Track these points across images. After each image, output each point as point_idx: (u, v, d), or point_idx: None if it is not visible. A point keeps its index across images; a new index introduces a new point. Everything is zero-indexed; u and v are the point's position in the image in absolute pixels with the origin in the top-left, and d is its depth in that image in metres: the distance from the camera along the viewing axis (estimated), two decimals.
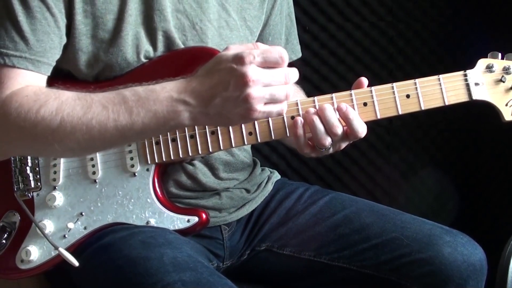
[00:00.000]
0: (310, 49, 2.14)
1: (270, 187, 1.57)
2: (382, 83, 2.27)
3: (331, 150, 1.32)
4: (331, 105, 1.28)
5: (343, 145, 1.32)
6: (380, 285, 1.41)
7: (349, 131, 1.28)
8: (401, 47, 2.22)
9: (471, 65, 1.35)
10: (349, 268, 1.43)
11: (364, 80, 1.32)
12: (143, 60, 1.32)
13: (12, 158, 1.34)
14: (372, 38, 2.20)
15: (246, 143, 1.31)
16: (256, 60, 1.10)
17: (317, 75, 2.15)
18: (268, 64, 1.12)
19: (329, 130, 1.27)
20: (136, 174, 1.33)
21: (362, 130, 1.28)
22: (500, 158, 2.17)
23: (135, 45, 1.32)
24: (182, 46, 1.35)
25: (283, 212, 1.52)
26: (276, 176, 1.62)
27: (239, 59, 1.10)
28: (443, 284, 1.35)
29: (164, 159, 1.32)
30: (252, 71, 1.10)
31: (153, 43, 1.33)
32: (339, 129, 1.27)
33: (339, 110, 1.27)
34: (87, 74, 1.33)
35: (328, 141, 1.27)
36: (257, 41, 1.52)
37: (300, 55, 1.66)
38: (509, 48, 1.37)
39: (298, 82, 1.65)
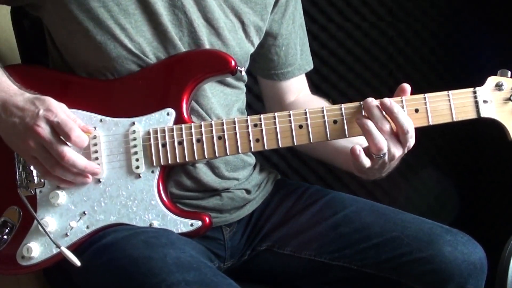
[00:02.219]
0: (310, 49, 2.14)
1: (270, 187, 1.58)
2: (382, 83, 2.27)
3: (386, 158, 1.29)
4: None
5: (397, 151, 1.29)
6: (381, 284, 1.41)
7: (396, 127, 1.27)
8: (401, 47, 2.21)
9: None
10: (350, 267, 1.43)
11: (407, 87, 1.31)
12: (135, 51, 1.33)
13: (16, 153, 1.34)
14: (372, 38, 2.19)
15: (253, 149, 1.31)
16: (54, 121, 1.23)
17: (317, 75, 2.15)
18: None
19: (378, 128, 1.26)
20: (141, 175, 1.32)
21: (408, 124, 1.26)
22: (500, 158, 2.17)
23: (128, 37, 1.33)
24: (178, 42, 1.36)
25: (283, 212, 1.52)
26: (276, 176, 1.63)
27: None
28: (444, 283, 1.35)
29: (169, 162, 1.32)
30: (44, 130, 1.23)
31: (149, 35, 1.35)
32: (386, 124, 1.26)
33: (382, 105, 1.27)
34: (79, 62, 1.36)
35: (385, 143, 1.26)
36: (269, 49, 1.55)
37: (312, 66, 1.66)
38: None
39: None
